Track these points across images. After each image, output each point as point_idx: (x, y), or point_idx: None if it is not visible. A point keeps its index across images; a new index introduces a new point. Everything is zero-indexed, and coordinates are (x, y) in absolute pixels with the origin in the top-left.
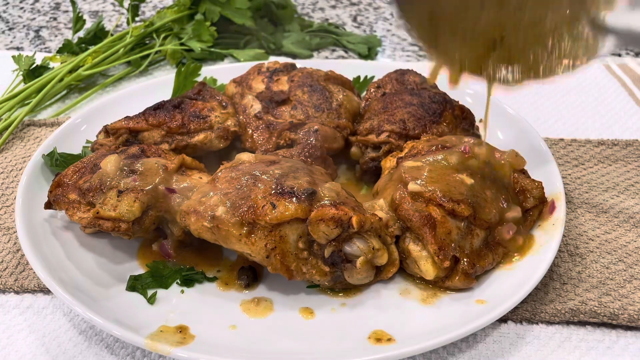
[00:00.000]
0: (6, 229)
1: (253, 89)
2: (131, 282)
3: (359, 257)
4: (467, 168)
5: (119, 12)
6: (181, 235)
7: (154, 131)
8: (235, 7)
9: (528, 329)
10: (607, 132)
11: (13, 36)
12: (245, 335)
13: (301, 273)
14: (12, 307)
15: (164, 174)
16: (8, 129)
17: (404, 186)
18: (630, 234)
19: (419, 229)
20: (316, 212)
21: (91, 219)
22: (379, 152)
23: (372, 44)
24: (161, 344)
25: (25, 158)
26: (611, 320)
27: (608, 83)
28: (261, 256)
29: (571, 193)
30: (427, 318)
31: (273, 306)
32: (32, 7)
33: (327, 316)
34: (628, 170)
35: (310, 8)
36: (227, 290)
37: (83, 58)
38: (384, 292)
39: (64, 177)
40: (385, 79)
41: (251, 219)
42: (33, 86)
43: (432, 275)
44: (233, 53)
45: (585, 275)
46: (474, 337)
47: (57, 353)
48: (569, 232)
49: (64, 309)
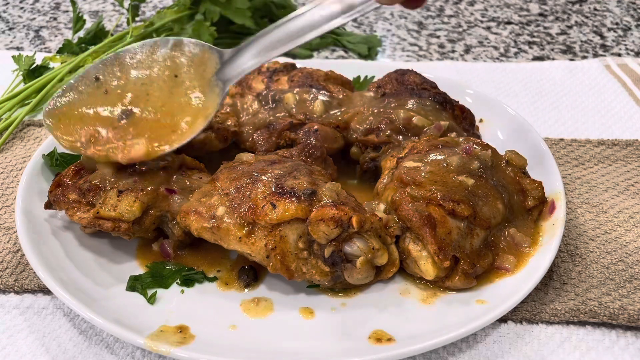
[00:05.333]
0: (6, 229)
1: (253, 88)
2: (131, 282)
3: (359, 257)
4: (468, 168)
5: (119, 12)
6: (181, 235)
7: None
8: (235, 7)
9: (528, 329)
10: (607, 132)
11: (13, 36)
12: (245, 335)
13: (301, 273)
14: (12, 307)
15: (164, 174)
16: (8, 129)
17: (403, 186)
18: (630, 234)
19: (419, 229)
20: (316, 212)
21: (91, 219)
22: (379, 152)
23: (372, 44)
24: (161, 344)
25: (25, 158)
26: (611, 320)
27: (608, 83)
28: (261, 256)
29: (571, 193)
30: (427, 318)
31: (273, 306)
32: (32, 7)
33: (327, 316)
34: (628, 170)
35: None
36: (227, 290)
37: (83, 58)
38: (384, 292)
39: (64, 177)
40: (385, 79)
41: (251, 219)
42: (33, 86)
43: (432, 275)
44: None
45: (585, 275)
46: (474, 337)
47: (57, 353)
48: (569, 232)
49: (64, 309)
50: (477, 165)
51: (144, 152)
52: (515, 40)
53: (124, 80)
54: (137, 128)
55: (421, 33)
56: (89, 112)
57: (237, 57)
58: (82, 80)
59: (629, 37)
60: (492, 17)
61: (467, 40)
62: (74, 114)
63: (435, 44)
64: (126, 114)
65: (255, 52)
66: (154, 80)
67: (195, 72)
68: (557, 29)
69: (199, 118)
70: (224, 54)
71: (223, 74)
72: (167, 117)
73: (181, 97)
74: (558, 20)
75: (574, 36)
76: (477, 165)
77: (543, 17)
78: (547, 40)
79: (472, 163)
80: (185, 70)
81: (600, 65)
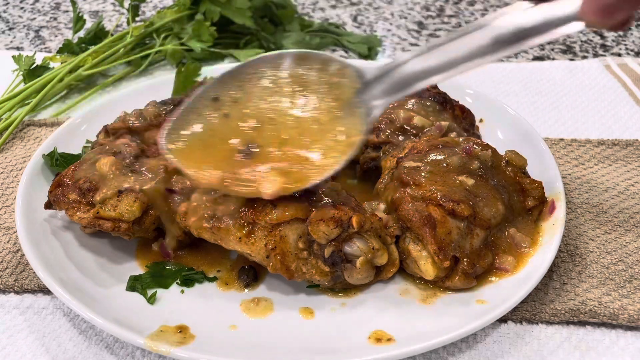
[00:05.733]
0: (6, 229)
1: None
2: (131, 282)
3: (359, 257)
4: (468, 168)
5: (119, 12)
6: (181, 235)
7: (154, 131)
8: (235, 7)
9: (528, 329)
10: (607, 132)
11: (13, 36)
12: (245, 335)
13: (301, 273)
14: (12, 307)
15: (164, 174)
16: (8, 129)
17: (403, 186)
18: (630, 234)
19: (419, 229)
20: (316, 212)
21: (91, 219)
22: (379, 152)
23: (372, 44)
24: (161, 344)
25: (25, 158)
26: (611, 320)
27: (608, 83)
28: (261, 256)
29: (571, 193)
30: (427, 318)
31: (273, 306)
32: (32, 7)
33: (327, 316)
34: (628, 170)
35: (310, 8)
36: (227, 290)
37: (83, 58)
38: (384, 292)
39: (64, 177)
40: None
41: (251, 219)
42: (33, 86)
43: (432, 275)
44: (233, 53)
45: (585, 275)
46: (474, 337)
47: (57, 353)
48: (569, 232)
49: (64, 309)
50: (477, 166)
51: (279, 188)
52: None
53: (246, 102)
54: (266, 158)
55: (421, 33)
56: (211, 140)
57: (389, 76)
58: (199, 101)
59: (629, 37)
60: None
61: None
62: (195, 141)
63: None
64: (251, 143)
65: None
66: (280, 99)
67: (329, 91)
68: None
69: (342, 146)
70: (365, 71)
71: (367, 94)
72: (300, 145)
73: (313, 121)
74: None
75: (574, 36)
76: (477, 165)
77: None
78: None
79: (472, 163)
80: (315, 88)
81: (600, 65)
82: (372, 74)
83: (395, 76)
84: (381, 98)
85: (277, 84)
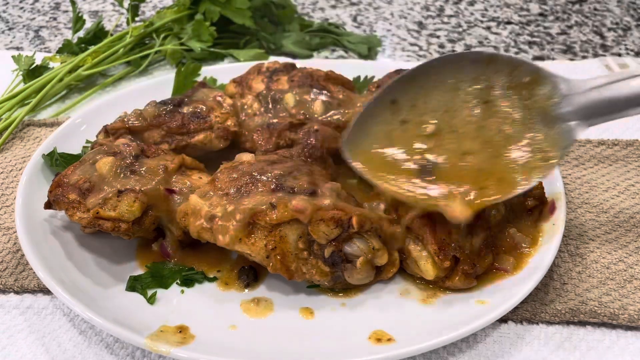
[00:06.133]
0: (6, 229)
1: (253, 89)
2: (131, 282)
3: (359, 257)
4: None
5: (118, 12)
6: (181, 235)
7: (153, 131)
8: (235, 7)
9: (528, 329)
10: (607, 132)
11: (13, 36)
12: (245, 335)
13: (301, 273)
14: (12, 307)
15: (164, 174)
16: (8, 129)
17: None
18: (630, 234)
19: (419, 229)
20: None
21: (91, 219)
22: None
23: (372, 44)
24: (161, 344)
25: (25, 158)
26: (611, 320)
27: None
28: (261, 256)
29: (571, 193)
30: (427, 318)
31: (273, 306)
32: (32, 7)
33: (327, 316)
34: (628, 170)
35: (310, 8)
36: (227, 290)
37: (83, 58)
38: (384, 292)
39: (64, 177)
40: (385, 79)
41: (251, 219)
42: (33, 86)
43: (432, 275)
44: (233, 53)
45: (585, 275)
46: (474, 337)
47: (57, 353)
48: (569, 232)
49: (64, 309)
50: None
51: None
52: (515, 40)
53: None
54: (447, 175)
55: (421, 33)
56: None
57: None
58: (377, 105)
59: (629, 37)
60: (492, 17)
61: (467, 40)
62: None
63: (435, 44)
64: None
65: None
66: (463, 106)
67: (518, 100)
68: (557, 28)
69: (534, 164)
70: (560, 82)
71: (566, 111)
72: (487, 157)
73: (498, 133)
74: (558, 20)
75: (574, 36)
76: None
77: (543, 17)
78: (547, 40)
79: None
80: (501, 94)
81: (600, 65)
82: (574, 87)
83: (604, 95)
84: (583, 120)
85: (457, 87)
